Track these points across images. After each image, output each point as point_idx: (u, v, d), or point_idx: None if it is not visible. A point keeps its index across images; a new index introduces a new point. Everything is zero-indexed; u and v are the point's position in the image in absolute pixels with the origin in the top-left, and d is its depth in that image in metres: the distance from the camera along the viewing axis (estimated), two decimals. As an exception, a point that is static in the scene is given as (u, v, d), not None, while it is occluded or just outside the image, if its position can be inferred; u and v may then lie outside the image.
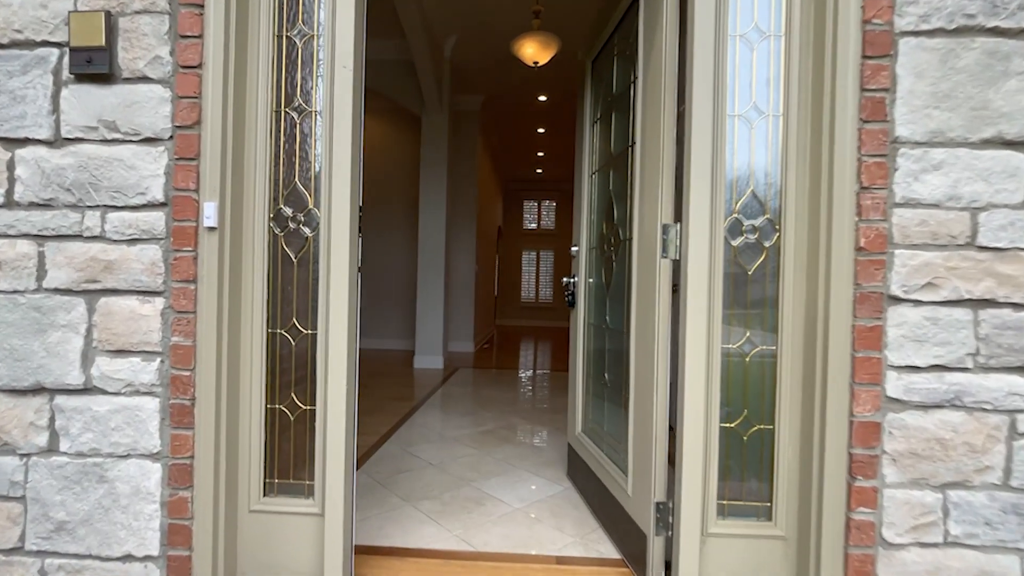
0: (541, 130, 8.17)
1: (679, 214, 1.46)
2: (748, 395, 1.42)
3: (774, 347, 1.40)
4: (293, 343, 1.47)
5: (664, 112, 1.47)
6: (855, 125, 1.26)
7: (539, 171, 11.04)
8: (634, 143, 1.68)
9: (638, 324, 1.61)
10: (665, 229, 1.46)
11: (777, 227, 1.39)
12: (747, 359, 1.41)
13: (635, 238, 1.63)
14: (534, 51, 3.62)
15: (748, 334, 1.41)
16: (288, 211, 1.46)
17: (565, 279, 2.24)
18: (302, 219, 1.46)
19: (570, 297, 2.24)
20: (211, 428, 1.35)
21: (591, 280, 2.15)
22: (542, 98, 6.82)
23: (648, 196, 1.54)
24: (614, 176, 1.88)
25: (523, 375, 5.26)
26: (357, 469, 2.45)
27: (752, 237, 1.40)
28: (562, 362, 6.24)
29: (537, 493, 2.21)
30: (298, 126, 1.46)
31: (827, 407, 1.27)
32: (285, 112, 1.46)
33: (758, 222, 1.40)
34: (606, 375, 1.94)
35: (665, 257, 1.46)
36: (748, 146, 1.40)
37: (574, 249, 2.23)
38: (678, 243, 1.44)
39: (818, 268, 1.31)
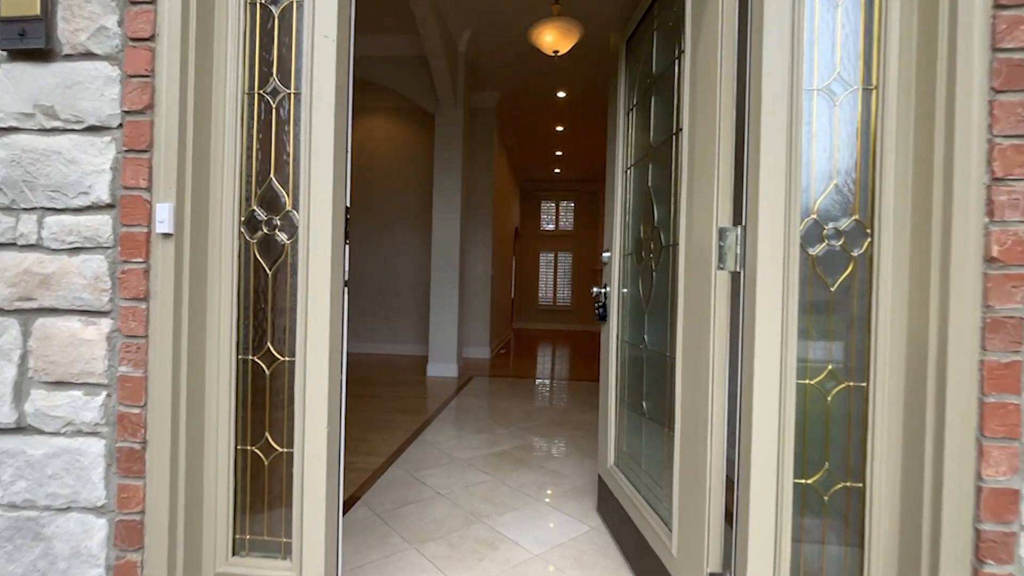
0: (560, 128, 7.89)
1: (739, 215, 1.17)
2: (830, 443, 1.12)
3: (864, 383, 1.10)
4: (268, 372, 1.22)
5: (720, 89, 1.18)
6: (984, 97, 0.96)
7: (557, 171, 10.76)
8: (680, 130, 1.39)
9: (687, 348, 1.32)
10: (722, 234, 1.18)
11: (868, 230, 1.10)
12: (829, 398, 1.12)
13: (682, 244, 1.34)
14: (554, 39, 3.35)
15: (831, 366, 1.12)
16: (262, 213, 1.22)
17: (595, 289, 1.96)
18: (278, 223, 1.21)
19: (601, 310, 1.96)
20: (165, 477, 1.11)
21: (625, 290, 1.87)
22: (561, 94, 6.54)
23: (699, 193, 1.26)
24: (654, 170, 1.60)
25: (541, 384, 4.98)
26: (358, 500, 2.21)
27: (835, 244, 1.11)
28: (581, 370, 5.94)
29: (559, 534, 1.93)
30: (274, 111, 1.21)
31: (943, 466, 0.97)
32: (259, 95, 1.22)
33: (843, 224, 1.11)
34: (644, 403, 1.66)
35: (722, 268, 1.18)
36: (830, 128, 1.11)
37: (606, 255, 1.95)
38: (738, 251, 1.16)
39: (928, 284, 1.01)
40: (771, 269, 1.08)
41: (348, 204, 1.22)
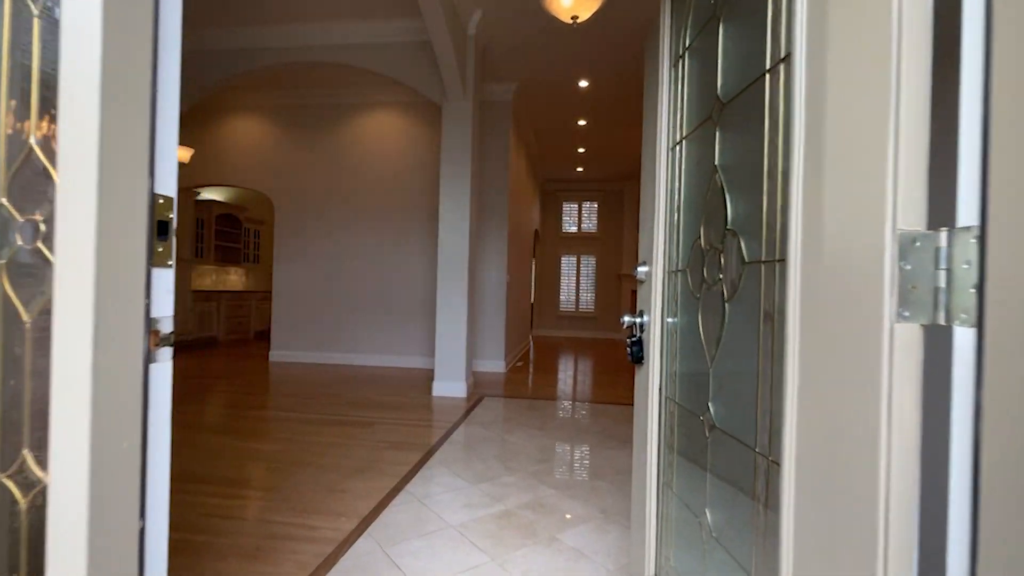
0: (582, 122, 7.28)
1: (948, 208, 0.56)
2: None
3: None
4: (24, 503, 0.67)
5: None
6: None
7: (580, 169, 10.14)
8: (787, 57, 0.78)
9: (809, 457, 0.71)
10: (906, 248, 0.56)
11: None
12: None
13: (795, 261, 0.73)
14: (573, 2, 2.76)
15: None
16: (17, 212, 0.66)
17: (626, 318, 1.36)
18: (44, 229, 0.66)
19: (634, 347, 1.36)
20: None
21: (672, 320, 1.26)
22: (583, 83, 5.94)
23: (842, 166, 0.65)
24: (724, 140, 0.99)
25: (560, 408, 4.37)
26: (305, 598, 1.65)
27: None
28: (605, 388, 5.29)
29: (575, 675, 1.33)
30: (37, 23, 0.66)
31: None
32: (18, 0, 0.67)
33: None
34: (707, 513, 1.05)
35: (906, 318, 0.57)
36: None
37: (641, 270, 1.34)
38: (944, 283, 0.55)
39: None
40: (1064, 331, 0.46)
41: (170, 194, 0.66)
